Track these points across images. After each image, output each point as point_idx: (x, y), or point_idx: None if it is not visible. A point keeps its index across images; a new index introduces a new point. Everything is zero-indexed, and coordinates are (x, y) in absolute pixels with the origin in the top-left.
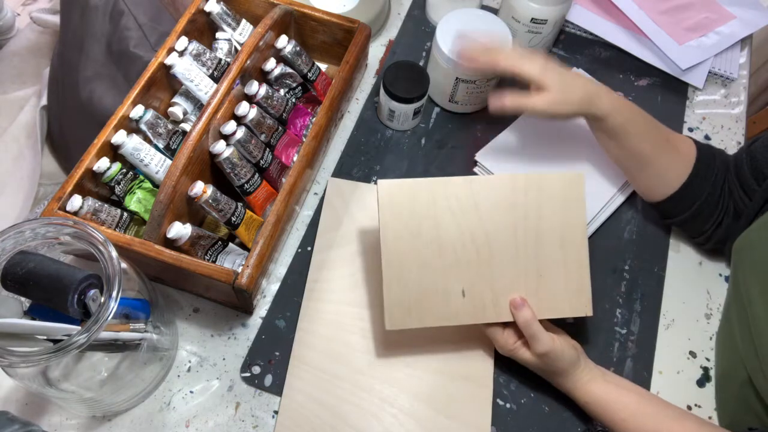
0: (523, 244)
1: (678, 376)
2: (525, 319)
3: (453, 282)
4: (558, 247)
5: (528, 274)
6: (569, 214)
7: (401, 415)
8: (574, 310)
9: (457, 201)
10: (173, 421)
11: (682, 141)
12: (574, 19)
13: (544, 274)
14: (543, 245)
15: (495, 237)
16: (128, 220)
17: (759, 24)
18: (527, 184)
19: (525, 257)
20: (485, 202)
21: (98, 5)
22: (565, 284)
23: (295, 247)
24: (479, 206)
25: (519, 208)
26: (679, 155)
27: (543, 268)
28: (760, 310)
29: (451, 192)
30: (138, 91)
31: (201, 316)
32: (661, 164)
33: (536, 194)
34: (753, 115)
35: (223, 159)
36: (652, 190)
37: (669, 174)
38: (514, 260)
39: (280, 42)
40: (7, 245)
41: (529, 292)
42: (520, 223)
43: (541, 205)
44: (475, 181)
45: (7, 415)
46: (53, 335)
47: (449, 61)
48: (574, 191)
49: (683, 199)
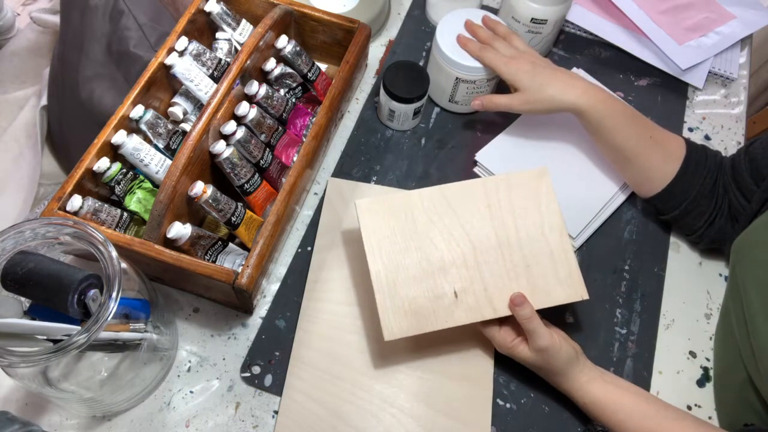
0: (505, 241)
1: (678, 376)
2: (526, 315)
3: (444, 285)
4: (540, 238)
5: (516, 268)
6: (542, 207)
7: (401, 415)
8: (568, 297)
9: (434, 208)
10: (173, 421)
11: (672, 140)
12: (574, 19)
13: (531, 265)
14: (525, 238)
15: (477, 237)
16: (128, 220)
17: (759, 24)
18: (497, 185)
19: (509, 252)
20: (461, 207)
21: (98, 5)
22: (554, 272)
23: (295, 247)
24: (456, 211)
25: (494, 208)
26: (665, 153)
27: (529, 260)
28: (757, 309)
29: (427, 201)
30: (138, 91)
31: (201, 316)
32: (644, 161)
33: (507, 192)
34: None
35: (223, 159)
36: (639, 186)
37: (654, 172)
38: (500, 256)
39: (280, 42)
40: (7, 245)
41: (520, 285)
42: (498, 221)
43: (514, 202)
44: (446, 189)
45: (7, 415)
46: (53, 335)
47: (449, 61)
48: (543, 185)
49: (672, 197)
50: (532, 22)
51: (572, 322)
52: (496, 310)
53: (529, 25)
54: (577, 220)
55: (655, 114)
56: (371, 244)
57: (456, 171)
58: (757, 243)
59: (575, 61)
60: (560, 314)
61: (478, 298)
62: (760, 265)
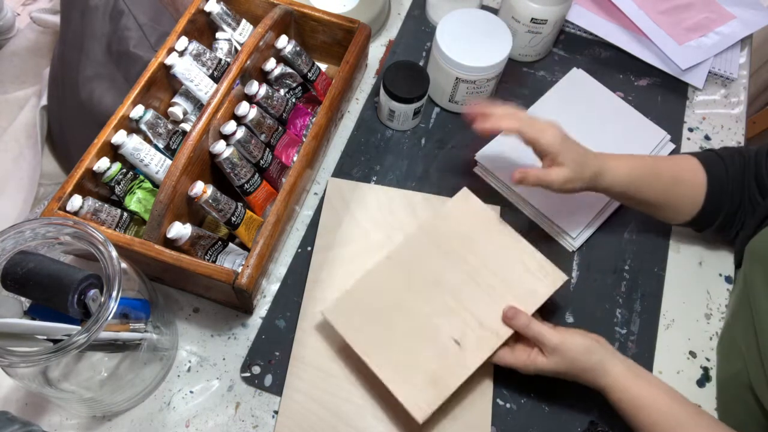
0: (471, 269)
1: (678, 376)
2: (524, 324)
3: (443, 340)
4: (498, 250)
5: (494, 288)
6: (482, 221)
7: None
8: (551, 285)
9: (392, 278)
10: (173, 421)
11: (688, 170)
12: (574, 19)
13: (506, 278)
14: (486, 257)
15: (447, 281)
16: (128, 220)
17: (759, 24)
18: (434, 224)
19: (481, 277)
20: (415, 263)
21: (98, 5)
22: (527, 272)
23: (295, 247)
24: (413, 269)
25: (443, 245)
26: (688, 186)
27: (501, 274)
28: (765, 314)
29: (383, 276)
30: (138, 91)
31: (201, 316)
32: (674, 201)
33: (445, 226)
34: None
35: (223, 159)
36: (671, 221)
37: (684, 206)
38: (476, 286)
39: (280, 42)
40: (7, 245)
41: (506, 300)
42: (454, 256)
43: (457, 231)
44: (395, 255)
45: (7, 415)
46: (53, 335)
47: (449, 61)
48: (470, 203)
49: (705, 219)
50: (532, 22)
51: (572, 322)
52: (499, 335)
53: (529, 25)
54: (577, 220)
55: (655, 114)
56: (357, 340)
57: (456, 171)
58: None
59: (575, 61)
60: (560, 314)
61: (478, 335)
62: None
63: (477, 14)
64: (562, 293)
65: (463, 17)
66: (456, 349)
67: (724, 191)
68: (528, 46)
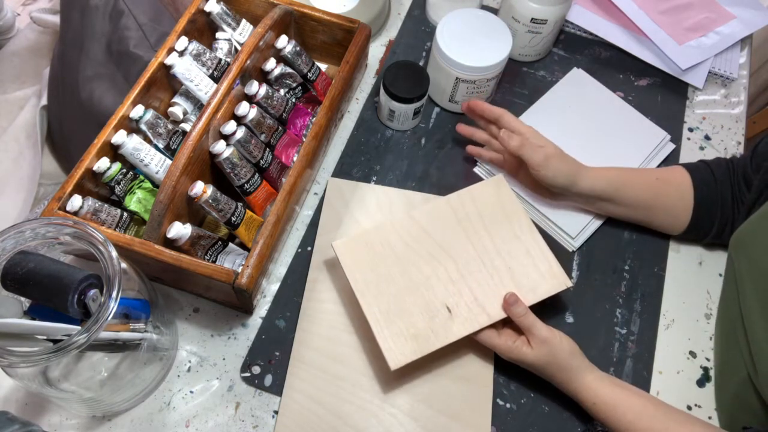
0: (483, 249)
1: (678, 376)
2: (521, 313)
3: (436, 304)
4: (513, 240)
5: (499, 272)
6: (508, 210)
7: (401, 415)
8: (553, 287)
9: (409, 234)
10: (173, 421)
11: (673, 171)
12: (574, 19)
13: (512, 267)
14: (500, 243)
15: (455, 252)
16: (128, 220)
17: (759, 24)
18: (461, 200)
19: (489, 259)
20: (433, 228)
21: (98, 5)
22: (535, 269)
23: (295, 247)
24: (430, 232)
25: (464, 222)
26: (676, 187)
27: (509, 262)
28: (752, 305)
29: (400, 229)
30: (138, 91)
31: (201, 316)
32: (662, 202)
33: (472, 205)
34: (753, 115)
35: (223, 159)
36: (670, 228)
37: (675, 209)
38: (482, 265)
39: (280, 42)
40: (7, 245)
41: (506, 287)
42: (472, 232)
43: (481, 212)
44: (416, 214)
45: (7, 415)
46: (53, 335)
47: (449, 61)
48: (502, 192)
49: (699, 228)
50: (532, 22)
51: (572, 322)
52: (490, 316)
53: (529, 25)
54: (577, 220)
55: (655, 114)
56: (356, 279)
57: (456, 171)
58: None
59: (575, 61)
60: (560, 314)
61: (470, 309)
62: (756, 260)
63: (477, 14)
64: (563, 293)
65: (463, 17)
66: (446, 316)
67: (712, 191)
68: (528, 46)
